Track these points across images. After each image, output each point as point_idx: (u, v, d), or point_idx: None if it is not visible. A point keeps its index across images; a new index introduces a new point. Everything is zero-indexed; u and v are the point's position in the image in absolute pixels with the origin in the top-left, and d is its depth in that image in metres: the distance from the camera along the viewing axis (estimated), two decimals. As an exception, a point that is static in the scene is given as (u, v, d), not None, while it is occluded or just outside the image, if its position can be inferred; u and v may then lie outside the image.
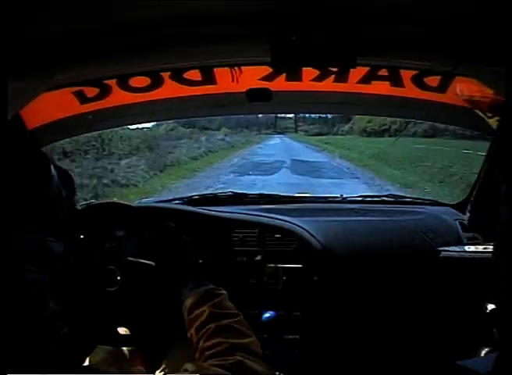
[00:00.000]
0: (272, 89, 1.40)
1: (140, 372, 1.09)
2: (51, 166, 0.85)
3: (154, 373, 1.08)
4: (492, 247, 1.26)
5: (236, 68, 1.30)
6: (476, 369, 0.91)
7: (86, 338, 0.99)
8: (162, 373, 1.06)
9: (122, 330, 1.12)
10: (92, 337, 1.03)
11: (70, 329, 0.68)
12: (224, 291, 0.94)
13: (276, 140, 19.00)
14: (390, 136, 13.83)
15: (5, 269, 0.54)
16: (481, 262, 1.33)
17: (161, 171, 9.89)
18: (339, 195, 1.90)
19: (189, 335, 0.88)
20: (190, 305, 0.91)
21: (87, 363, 1.01)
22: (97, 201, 1.47)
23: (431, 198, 1.93)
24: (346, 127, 18.83)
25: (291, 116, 18.97)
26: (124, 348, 1.15)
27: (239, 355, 0.76)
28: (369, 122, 15.73)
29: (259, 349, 0.82)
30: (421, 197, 1.97)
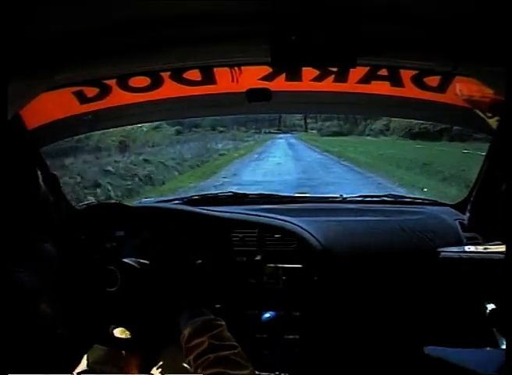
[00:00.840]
0: (271, 89, 1.40)
1: (139, 370, 1.09)
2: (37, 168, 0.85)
3: (150, 371, 1.08)
4: (492, 247, 1.27)
5: (236, 68, 1.30)
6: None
7: (83, 338, 0.99)
8: (160, 369, 1.06)
9: (120, 331, 1.12)
10: (90, 337, 1.03)
11: (67, 329, 0.68)
12: (223, 322, 0.95)
13: (280, 144, 15.51)
14: (452, 139, 9.30)
15: None
16: (481, 262, 1.33)
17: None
18: (338, 195, 1.90)
19: (187, 361, 0.90)
20: (188, 335, 0.91)
21: (84, 362, 1.02)
22: (97, 202, 1.47)
23: (431, 198, 1.93)
24: (379, 125, 13.00)
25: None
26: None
27: None
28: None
29: None
30: (421, 197, 1.97)
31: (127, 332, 1.07)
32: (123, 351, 1.13)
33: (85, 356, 1.04)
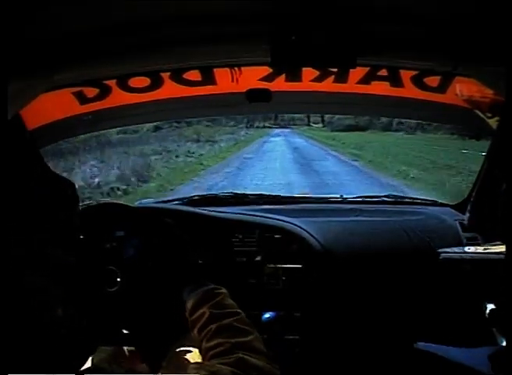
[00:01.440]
0: (271, 89, 1.40)
1: (144, 369, 1.08)
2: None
3: (155, 370, 1.08)
4: (492, 247, 1.27)
5: (236, 68, 1.30)
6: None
7: (87, 339, 0.99)
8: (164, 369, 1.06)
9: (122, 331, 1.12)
10: (93, 338, 1.03)
11: (71, 330, 0.68)
12: (224, 290, 0.94)
13: (275, 147, 10.58)
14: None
15: (5, 276, 0.53)
16: (481, 262, 1.33)
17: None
18: (338, 196, 1.90)
19: (192, 335, 0.89)
20: (191, 307, 0.91)
21: (89, 364, 1.01)
22: (97, 202, 1.47)
23: (431, 199, 1.93)
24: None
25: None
26: (125, 348, 1.15)
27: (241, 353, 0.76)
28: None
29: (261, 346, 0.82)
30: (421, 197, 1.97)
31: (129, 332, 1.07)
32: (127, 352, 1.13)
33: (90, 359, 1.04)
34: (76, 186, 0.72)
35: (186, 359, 0.98)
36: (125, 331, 1.07)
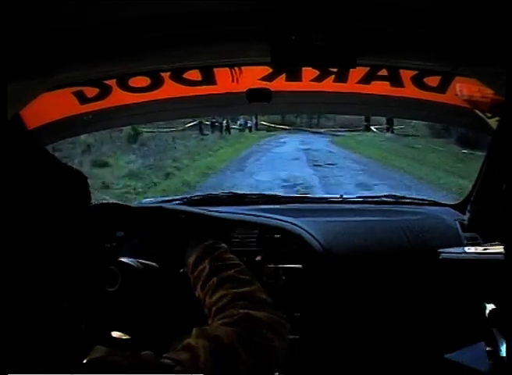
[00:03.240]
0: (271, 89, 1.40)
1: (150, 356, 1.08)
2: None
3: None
4: (492, 248, 1.27)
5: (236, 68, 1.30)
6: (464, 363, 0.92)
7: (85, 339, 0.99)
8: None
9: (120, 333, 1.12)
10: (91, 338, 1.03)
11: (71, 330, 0.68)
12: (224, 245, 0.93)
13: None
14: None
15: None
16: (481, 262, 1.33)
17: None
18: (338, 195, 1.90)
19: (196, 295, 0.87)
20: (192, 263, 0.90)
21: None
22: (97, 202, 1.47)
23: (430, 198, 1.93)
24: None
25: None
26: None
27: (244, 305, 0.75)
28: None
29: (264, 295, 0.81)
30: (421, 197, 1.97)
31: (126, 335, 1.07)
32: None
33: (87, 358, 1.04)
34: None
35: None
36: (121, 335, 1.07)
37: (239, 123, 21.82)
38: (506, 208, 0.84)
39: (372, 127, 21.63)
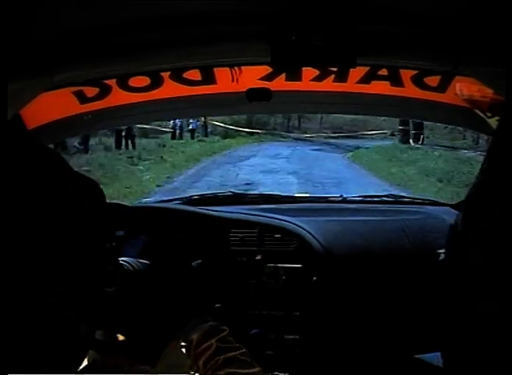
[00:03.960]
0: (271, 89, 1.40)
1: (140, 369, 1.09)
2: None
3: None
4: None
5: (236, 68, 1.30)
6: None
7: (85, 339, 0.99)
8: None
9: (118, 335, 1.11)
10: (90, 340, 1.02)
11: (71, 330, 0.68)
12: (226, 328, 0.97)
13: None
14: None
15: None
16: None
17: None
18: (338, 195, 1.90)
19: (195, 368, 0.92)
20: (197, 340, 0.94)
21: (85, 364, 1.01)
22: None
23: (430, 198, 1.93)
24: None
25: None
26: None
27: None
28: None
29: None
30: (421, 197, 1.97)
31: (121, 337, 1.07)
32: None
33: (86, 359, 1.04)
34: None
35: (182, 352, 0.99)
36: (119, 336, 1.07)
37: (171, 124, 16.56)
38: (505, 209, 0.84)
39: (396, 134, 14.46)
